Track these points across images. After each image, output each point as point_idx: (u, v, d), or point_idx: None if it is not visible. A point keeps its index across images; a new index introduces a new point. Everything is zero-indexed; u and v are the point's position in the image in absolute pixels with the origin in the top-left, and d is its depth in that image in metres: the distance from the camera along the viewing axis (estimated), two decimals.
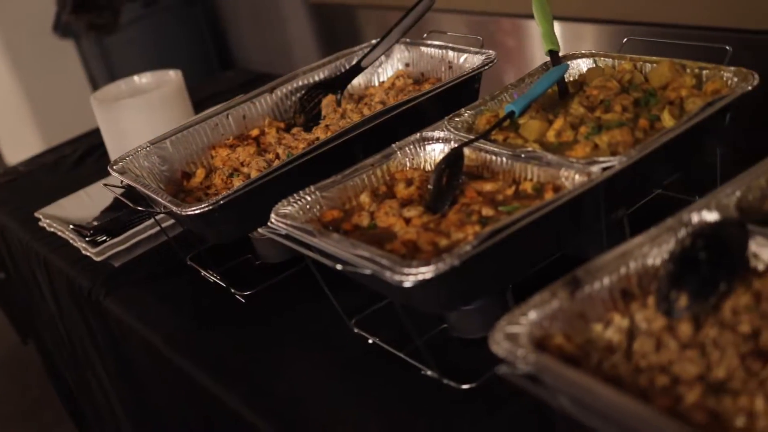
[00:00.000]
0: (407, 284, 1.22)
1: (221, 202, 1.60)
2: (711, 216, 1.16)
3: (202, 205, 1.60)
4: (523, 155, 1.47)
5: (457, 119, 1.63)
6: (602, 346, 1.10)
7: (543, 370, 1.00)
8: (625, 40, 1.76)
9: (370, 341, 1.54)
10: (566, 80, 1.70)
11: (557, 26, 1.78)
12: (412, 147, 1.61)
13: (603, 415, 0.94)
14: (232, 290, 1.79)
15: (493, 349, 1.05)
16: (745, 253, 1.11)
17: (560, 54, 1.74)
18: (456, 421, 1.34)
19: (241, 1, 4.20)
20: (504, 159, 1.50)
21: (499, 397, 1.34)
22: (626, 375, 1.03)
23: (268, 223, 1.48)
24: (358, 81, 2.07)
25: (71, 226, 2.10)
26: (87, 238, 2.02)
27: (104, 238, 2.01)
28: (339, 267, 1.31)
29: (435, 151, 1.60)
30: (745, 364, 1.01)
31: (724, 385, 0.99)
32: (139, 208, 1.74)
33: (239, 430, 1.54)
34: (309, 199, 1.53)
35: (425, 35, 2.04)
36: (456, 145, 1.54)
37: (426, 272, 1.22)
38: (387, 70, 2.08)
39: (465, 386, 1.38)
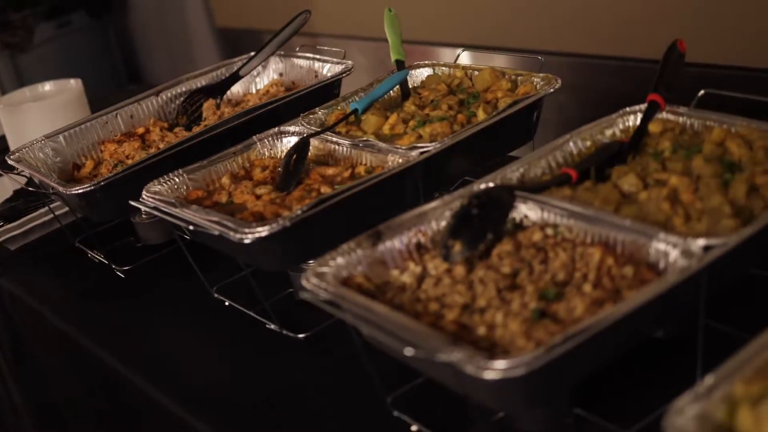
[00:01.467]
0: (246, 241, 1.46)
1: (102, 183, 1.83)
2: (491, 185, 1.43)
3: (85, 185, 1.82)
4: (360, 144, 1.73)
5: (311, 116, 1.89)
6: (397, 286, 1.35)
7: (337, 296, 1.25)
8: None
9: (227, 303, 1.77)
10: (409, 85, 1.96)
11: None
12: (270, 139, 1.86)
13: (381, 328, 1.19)
14: (113, 266, 2.00)
15: (303, 283, 1.29)
16: (510, 210, 1.37)
17: (406, 64, 2.00)
18: (292, 362, 1.58)
19: (152, 24, 4.43)
20: (345, 148, 1.76)
21: (329, 345, 1.58)
22: (407, 304, 1.29)
23: (140, 199, 1.71)
24: (237, 88, 2.31)
25: None
26: None
27: (1, 223, 2.21)
28: (191, 227, 1.55)
29: (290, 143, 1.85)
30: (500, 295, 1.26)
31: (479, 309, 1.24)
32: (30, 189, 1.95)
33: (117, 386, 1.76)
34: (177, 180, 1.76)
35: (297, 48, 2.30)
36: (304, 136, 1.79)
37: (262, 231, 1.47)
38: (263, 79, 2.33)
39: (301, 335, 1.62)
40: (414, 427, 1.35)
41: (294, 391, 1.51)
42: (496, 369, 1.05)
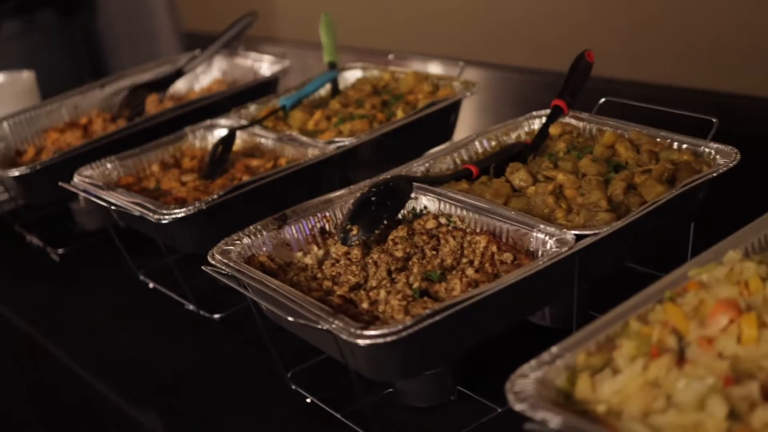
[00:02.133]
0: (164, 221, 1.55)
1: (38, 167, 1.90)
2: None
3: (22, 168, 1.90)
4: (284, 138, 1.82)
5: (243, 110, 1.98)
6: (299, 267, 1.43)
7: (237, 272, 1.33)
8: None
9: (151, 286, 1.84)
10: (341, 86, 2.05)
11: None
12: (201, 131, 1.95)
13: (273, 300, 1.27)
14: (48, 249, 2.08)
15: (209, 259, 1.38)
16: (407, 199, 1.46)
17: (339, 65, 2.10)
18: (206, 340, 1.66)
19: (119, 25, 4.50)
20: (270, 141, 1.85)
21: (240, 325, 1.66)
22: (304, 282, 1.37)
23: (71, 181, 1.79)
24: (182, 85, 2.40)
25: None
26: None
27: None
28: (113, 208, 1.63)
29: (221, 135, 1.93)
30: (391, 276, 1.35)
31: (369, 288, 1.33)
32: None
33: (42, 362, 1.84)
34: (109, 166, 1.85)
35: (240, 49, 2.39)
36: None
37: (179, 213, 1.55)
38: (207, 78, 2.42)
39: (216, 316, 1.70)
40: (309, 400, 1.42)
41: (203, 366, 1.59)
42: (367, 336, 1.13)
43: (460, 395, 1.38)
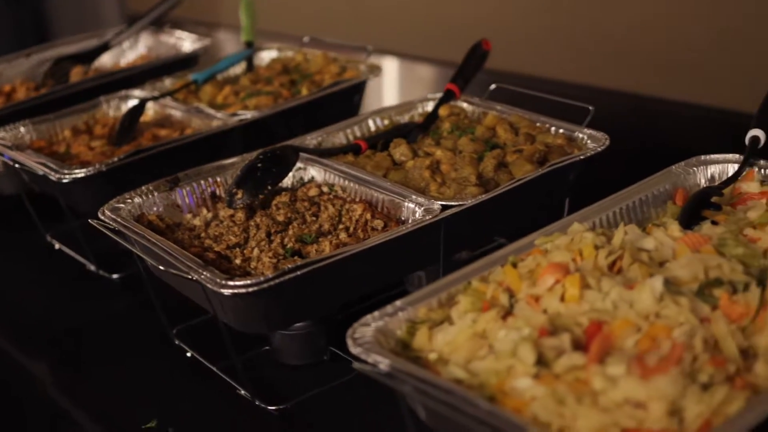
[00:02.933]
0: (65, 181, 1.61)
1: None
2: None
3: None
4: (192, 110, 1.89)
5: (157, 83, 2.05)
6: (188, 228, 1.50)
7: (124, 227, 1.40)
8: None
9: (57, 247, 1.91)
10: (256, 64, 2.12)
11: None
12: (116, 101, 2.01)
13: (153, 254, 1.34)
14: None
15: (99, 215, 1.45)
16: (292, 168, 1.53)
17: (256, 46, 2.17)
18: (104, 299, 1.73)
19: (65, 8, 4.53)
20: (179, 113, 1.92)
21: (137, 285, 1.72)
22: (187, 240, 1.44)
23: None
24: (109, 58, 2.45)
25: None
26: None
27: None
28: (17, 165, 1.69)
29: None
30: (269, 238, 1.42)
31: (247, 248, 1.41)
32: None
33: None
34: (23, 129, 1.91)
35: (166, 26, 2.45)
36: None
37: (79, 173, 1.61)
38: (134, 53, 2.48)
39: (115, 276, 1.77)
40: (189, 354, 1.50)
41: (98, 323, 1.66)
42: (231, 286, 1.20)
43: (334, 356, 1.46)
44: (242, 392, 1.39)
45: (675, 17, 2.28)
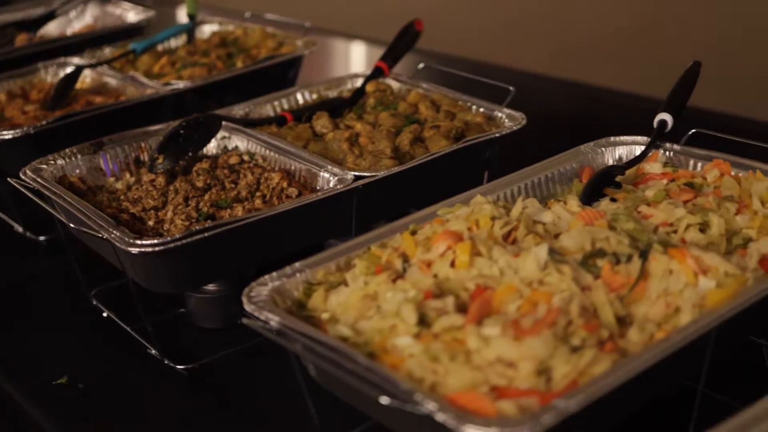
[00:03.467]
0: None
1: None
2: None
3: None
4: (127, 79, 1.91)
5: (97, 52, 2.07)
6: (109, 190, 1.53)
7: (43, 188, 1.42)
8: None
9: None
10: (198, 37, 2.15)
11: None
12: (54, 67, 2.03)
13: (69, 213, 1.37)
14: None
15: (20, 175, 1.47)
16: (213, 135, 1.56)
17: (201, 19, 2.20)
18: (29, 262, 1.76)
19: None
20: (115, 81, 1.94)
21: (61, 248, 1.74)
22: (107, 202, 1.47)
23: None
24: (55, 27, 2.47)
25: None
26: None
27: None
28: None
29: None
30: (186, 203, 1.45)
31: (164, 212, 1.43)
32: None
33: None
34: None
35: None
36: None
37: (6, 135, 1.64)
38: (81, 22, 2.49)
39: (42, 238, 1.79)
40: (105, 314, 1.53)
41: (21, 283, 1.68)
42: (139, 245, 1.23)
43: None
44: (153, 352, 1.42)
45: (599, 8, 2.35)
